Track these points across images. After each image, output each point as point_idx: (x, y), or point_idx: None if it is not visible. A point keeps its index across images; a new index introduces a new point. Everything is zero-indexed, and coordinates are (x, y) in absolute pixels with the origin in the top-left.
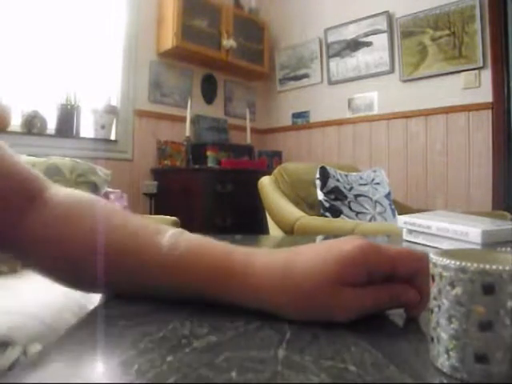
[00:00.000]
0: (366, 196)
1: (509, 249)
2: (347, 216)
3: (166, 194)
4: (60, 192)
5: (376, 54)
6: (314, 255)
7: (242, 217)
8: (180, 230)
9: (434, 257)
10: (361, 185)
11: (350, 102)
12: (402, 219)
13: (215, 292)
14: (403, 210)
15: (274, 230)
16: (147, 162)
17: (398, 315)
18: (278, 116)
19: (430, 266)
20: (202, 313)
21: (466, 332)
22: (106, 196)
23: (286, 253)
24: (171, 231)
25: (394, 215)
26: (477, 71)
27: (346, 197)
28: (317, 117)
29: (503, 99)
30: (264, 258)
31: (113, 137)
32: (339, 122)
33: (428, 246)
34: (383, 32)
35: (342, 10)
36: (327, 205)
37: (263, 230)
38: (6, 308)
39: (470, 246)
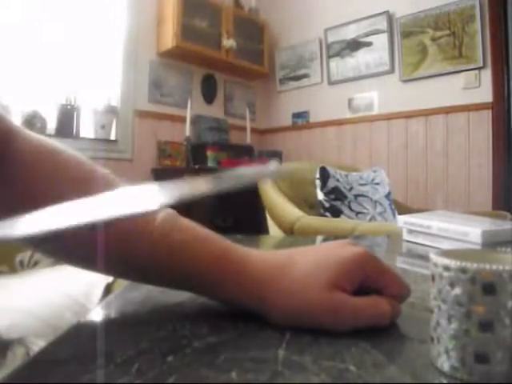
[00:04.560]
0: (366, 196)
1: (509, 249)
2: (347, 216)
3: None
4: (31, 141)
5: (376, 53)
6: (313, 259)
7: (242, 217)
8: (172, 213)
9: (434, 257)
10: (361, 185)
11: (350, 101)
12: (401, 219)
13: (206, 282)
14: (403, 209)
15: (274, 230)
16: (147, 162)
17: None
18: (277, 116)
19: (431, 265)
20: (201, 313)
21: (466, 332)
22: None
23: (285, 253)
24: (163, 213)
25: (393, 215)
26: (477, 71)
27: (346, 197)
28: (317, 117)
29: (503, 99)
30: (262, 256)
31: (113, 137)
32: (339, 122)
33: (428, 245)
34: (383, 32)
35: (341, 10)
36: (327, 205)
37: (263, 230)
38: (6, 306)
39: (470, 246)
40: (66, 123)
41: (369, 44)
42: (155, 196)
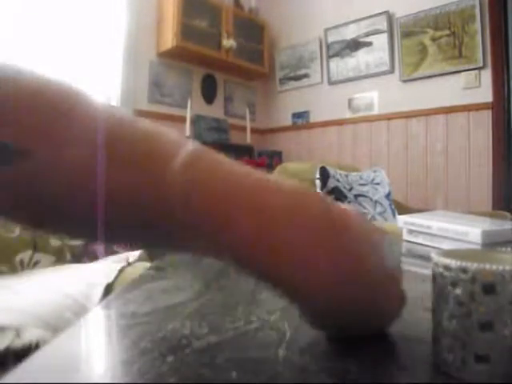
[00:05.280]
0: (366, 196)
1: (509, 249)
2: None
3: None
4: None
5: (376, 54)
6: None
7: None
8: (197, 154)
9: (435, 256)
10: (361, 185)
11: (350, 101)
12: (401, 219)
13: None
14: (403, 210)
15: None
16: None
17: None
18: (278, 116)
19: (432, 265)
20: (201, 313)
21: (467, 332)
22: None
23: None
24: (185, 153)
25: (394, 215)
26: (477, 71)
27: (345, 197)
28: (317, 117)
29: (503, 99)
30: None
31: None
32: (339, 122)
33: (428, 245)
34: (383, 32)
35: (342, 10)
36: None
37: None
38: (6, 306)
39: (470, 246)
40: None
41: (369, 44)
42: None
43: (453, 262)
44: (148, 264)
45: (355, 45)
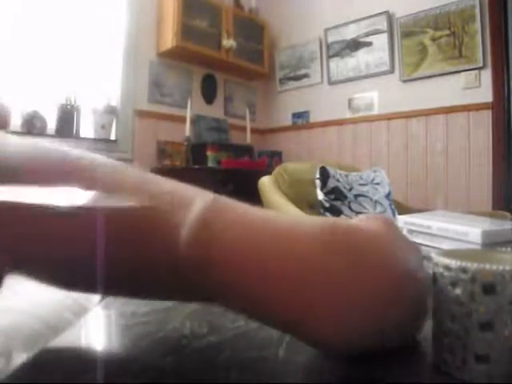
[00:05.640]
0: (366, 196)
1: (509, 249)
2: (347, 216)
3: None
4: None
5: (376, 54)
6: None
7: None
8: (212, 211)
9: (435, 257)
10: (361, 185)
11: (350, 101)
12: (402, 219)
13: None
14: (403, 210)
15: None
16: (147, 162)
17: None
18: (278, 116)
19: (432, 265)
20: (201, 313)
21: (467, 332)
22: None
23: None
24: (197, 212)
25: (394, 215)
26: (477, 71)
27: (345, 197)
28: (317, 117)
29: (503, 99)
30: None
31: (113, 137)
32: (339, 122)
33: (428, 246)
34: (383, 32)
35: (342, 10)
36: (327, 205)
37: None
38: (6, 307)
39: (470, 246)
40: (66, 123)
41: (369, 44)
42: None
43: (453, 262)
44: None
45: (355, 45)
